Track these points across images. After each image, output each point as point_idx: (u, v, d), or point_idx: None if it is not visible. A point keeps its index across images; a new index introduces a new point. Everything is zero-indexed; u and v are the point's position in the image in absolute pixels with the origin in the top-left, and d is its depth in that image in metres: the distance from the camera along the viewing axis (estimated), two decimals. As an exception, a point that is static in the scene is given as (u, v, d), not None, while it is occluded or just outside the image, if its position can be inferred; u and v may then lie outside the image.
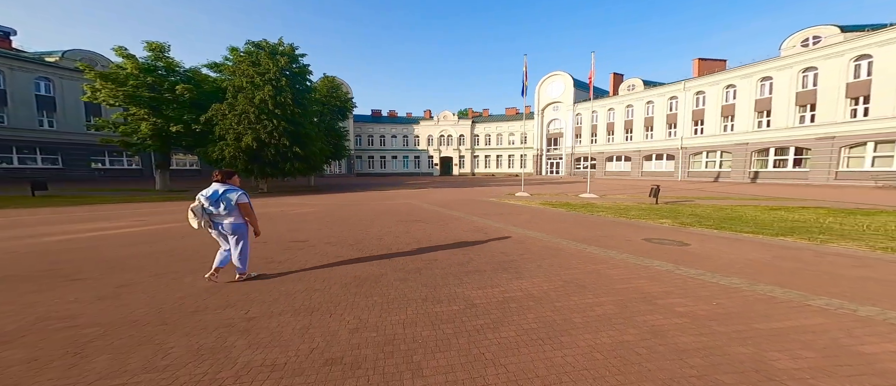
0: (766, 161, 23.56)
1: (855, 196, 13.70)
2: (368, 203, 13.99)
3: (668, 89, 30.80)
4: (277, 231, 7.64)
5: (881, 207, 10.40)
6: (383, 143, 53.36)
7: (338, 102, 26.51)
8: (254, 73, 17.53)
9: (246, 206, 3.87)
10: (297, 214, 10.68)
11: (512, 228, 7.99)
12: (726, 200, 13.24)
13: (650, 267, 4.49)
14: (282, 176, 19.16)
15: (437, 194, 18.30)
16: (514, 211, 10.99)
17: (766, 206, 10.99)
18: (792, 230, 6.80)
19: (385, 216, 10.26)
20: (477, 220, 9.39)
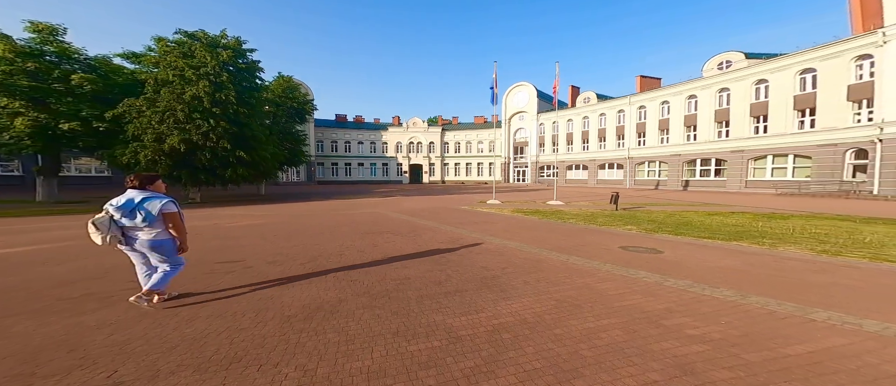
0: (694, 170, 26.86)
1: (763, 201, 15.90)
2: (329, 213, 12.64)
3: (616, 103, 33.86)
4: (204, 249, 6.23)
5: (789, 212, 12.05)
6: (349, 150, 50.70)
7: (295, 104, 24.31)
8: (185, 65, 15.09)
9: (174, 216, 3.24)
10: (235, 228, 9.09)
11: (489, 237, 7.54)
12: (671, 207, 14.43)
13: (638, 279, 4.28)
14: (221, 184, 16.67)
15: (407, 203, 17.41)
16: (488, 219, 10.64)
17: (704, 211, 12.09)
18: (739, 235, 7.34)
19: (348, 228, 9.18)
20: (451, 229, 8.80)
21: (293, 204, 16.65)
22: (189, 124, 14.69)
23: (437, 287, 4.19)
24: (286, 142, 23.43)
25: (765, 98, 22.22)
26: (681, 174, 27.53)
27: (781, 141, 21.13)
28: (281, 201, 18.14)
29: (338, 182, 48.34)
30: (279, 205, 16.17)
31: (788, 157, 21.00)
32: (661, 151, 29.35)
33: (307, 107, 26.30)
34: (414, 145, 51.57)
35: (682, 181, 27.45)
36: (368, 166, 51.22)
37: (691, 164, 27.01)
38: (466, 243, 6.95)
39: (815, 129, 19.51)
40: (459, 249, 6.43)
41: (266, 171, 18.40)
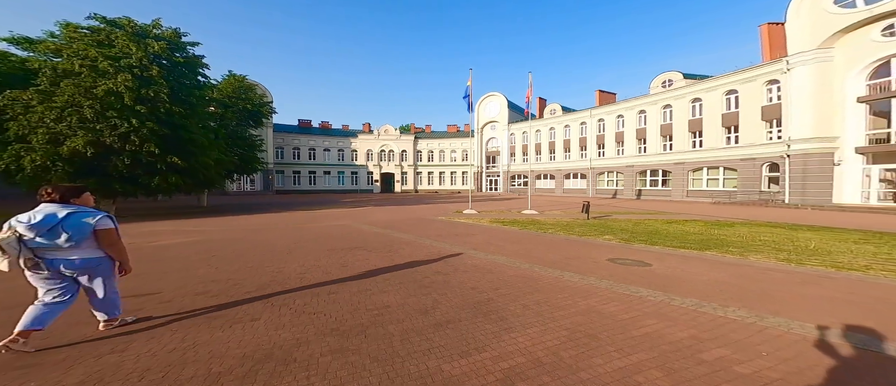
0: (645, 181, 29.41)
1: (703, 209, 17.50)
2: (289, 227, 11.20)
3: (579, 115, 36.03)
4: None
5: (730, 219, 13.21)
6: (313, 157, 47.41)
7: (249, 105, 21.97)
8: (99, 55, 12.70)
9: (111, 233, 2.90)
10: (159, 248, 7.51)
11: (473, 252, 6.99)
12: (633, 215, 15.23)
13: (643, 298, 3.99)
14: (146, 194, 14.15)
15: (380, 213, 16.29)
16: (468, 231, 10.13)
17: (663, 220, 12.83)
18: (705, 244, 7.67)
19: (312, 244, 8.04)
20: (431, 243, 8.11)
21: (244, 217, 14.66)
22: (100, 124, 12.25)
23: (423, 318, 3.52)
24: (237, 147, 20.96)
25: (700, 115, 25.16)
26: (635, 184, 29.95)
27: (713, 155, 24.00)
28: (228, 214, 15.92)
29: (300, 192, 44.84)
30: (225, 218, 14.11)
31: (719, 170, 23.87)
32: (617, 162, 31.75)
33: (264, 109, 23.96)
34: (385, 153, 49.94)
35: (635, 190, 29.83)
36: (336, 175, 48.35)
37: (643, 174, 29.54)
38: (450, 260, 6.32)
39: (739, 145, 22.47)
40: (443, 266, 5.79)
41: (208, 180, 16.06)
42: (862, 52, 16.97)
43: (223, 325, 3.32)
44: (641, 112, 29.73)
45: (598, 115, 33.87)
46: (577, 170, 36.06)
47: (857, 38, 17.07)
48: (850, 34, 17.25)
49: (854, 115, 17.43)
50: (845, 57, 17.48)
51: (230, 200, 27.66)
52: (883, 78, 16.74)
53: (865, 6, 16.39)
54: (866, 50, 16.85)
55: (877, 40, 16.53)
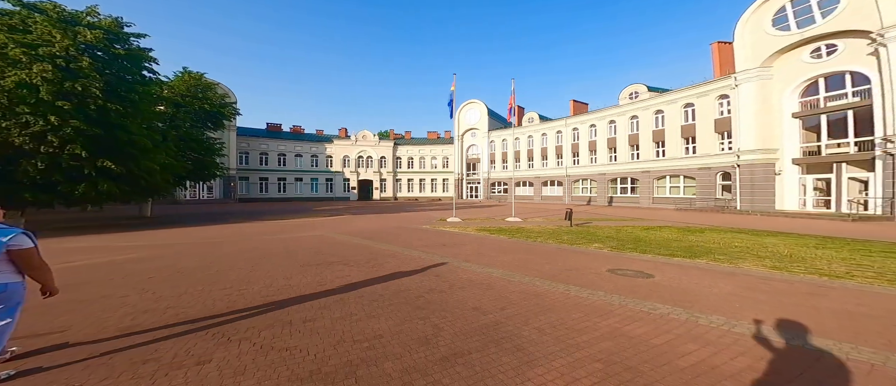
0: (616, 188, 30.97)
1: (669, 215, 18.52)
2: (252, 239, 9.97)
3: (555, 124, 37.23)
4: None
5: (697, 225, 13.78)
6: (283, 163, 44.39)
7: (206, 105, 19.91)
8: (9, 41, 10.77)
9: (30, 253, 2.44)
10: (78, 269, 6.22)
11: (466, 264, 6.47)
12: (611, 222, 15.61)
13: (666, 316, 3.69)
14: (66, 204, 12.10)
15: (359, 222, 15.27)
16: (456, 240, 9.62)
17: (640, 226, 13.11)
18: (691, 251, 7.79)
19: (280, 259, 7.07)
20: (419, 255, 7.48)
21: (198, 228, 12.99)
22: (7, 121, 10.26)
23: (425, 350, 2.96)
24: (190, 151, 18.83)
25: (662, 126, 27.04)
26: (607, 191, 31.39)
27: (674, 164, 25.84)
28: (177, 225, 14.05)
29: (268, 200, 41.66)
30: (173, 230, 12.38)
31: (680, 178, 25.70)
32: (591, 170, 33.15)
33: (227, 110, 21.87)
34: (363, 160, 48.08)
35: (607, 197, 31.25)
36: (309, 182, 45.58)
37: (614, 182, 31.06)
38: (443, 273, 5.75)
39: (696, 155, 24.40)
40: (437, 282, 5.21)
41: (152, 187, 14.10)
42: (795, 71, 18.62)
43: (154, 373, 2.50)
44: (611, 122, 31.43)
45: (573, 125, 35.32)
46: (554, 177, 37.17)
47: (791, 58, 18.73)
48: (786, 55, 18.91)
49: (790, 130, 19.17)
50: (782, 75, 19.17)
51: (181, 210, 24.75)
52: (812, 96, 18.48)
53: (797, 30, 17.98)
54: (798, 70, 18.50)
55: (807, 61, 18.18)
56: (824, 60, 17.17)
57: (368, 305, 4.17)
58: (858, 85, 16.18)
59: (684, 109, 25.37)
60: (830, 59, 16.93)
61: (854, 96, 16.40)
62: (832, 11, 16.13)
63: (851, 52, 16.06)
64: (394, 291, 4.81)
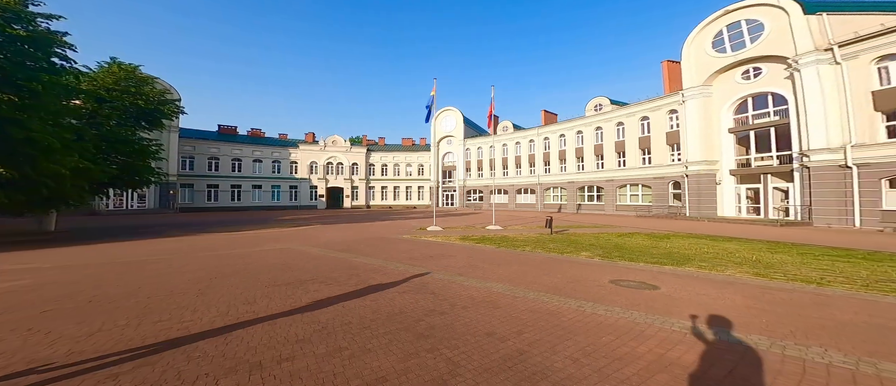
0: (584, 196, 32.69)
1: (633, 222, 19.58)
2: (198, 256, 8.48)
3: (528, 133, 38.41)
4: None
5: (662, 231, 14.68)
6: (239, 169, 40.10)
7: (140, 101, 17.14)
8: None
9: None
10: None
11: (460, 278, 5.91)
12: (585, 228, 16.07)
13: (703, 336, 3.45)
14: None
15: (332, 232, 13.95)
16: (442, 251, 9.00)
17: (614, 233, 13.54)
18: (672, 258, 8.03)
19: (238, 278, 5.95)
20: (407, 268, 6.76)
21: (123, 244, 10.88)
22: None
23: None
24: (115, 152, 16.00)
25: (623, 138, 29.19)
26: (576, 199, 32.94)
27: (633, 173, 27.95)
28: (94, 241, 11.68)
29: (218, 209, 37.27)
30: (87, 247, 10.24)
31: (639, 186, 27.84)
32: (561, 178, 34.63)
33: (167, 108, 18.99)
34: (333, 166, 45.24)
35: (576, 205, 32.80)
36: (270, 190, 41.64)
37: (582, 190, 32.71)
38: (438, 290, 5.13)
39: (652, 166, 26.67)
40: (434, 301, 4.58)
41: (60, 196, 11.61)
42: (730, 90, 20.60)
43: None
44: (579, 132, 33.28)
45: (544, 134, 36.81)
46: (528, 185, 38.22)
47: (727, 78, 20.64)
48: (722, 75, 20.79)
49: (727, 143, 21.10)
50: (719, 94, 21.14)
51: (102, 222, 20.95)
52: (743, 114, 20.52)
53: (731, 52, 19.82)
54: (732, 89, 20.47)
55: (739, 82, 20.13)
56: (752, 82, 19.62)
57: (360, 335, 3.44)
58: (778, 105, 18.64)
59: (641, 122, 27.64)
60: (757, 80, 19.37)
61: (775, 115, 18.88)
62: (759, 38, 18.50)
63: (773, 75, 18.50)
64: (387, 314, 4.10)
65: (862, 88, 14.81)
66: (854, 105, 14.95)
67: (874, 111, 14.56)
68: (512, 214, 30.28)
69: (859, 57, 14.86)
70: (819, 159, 15.99)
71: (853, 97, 14.98)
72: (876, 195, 14.37)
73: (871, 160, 14.47)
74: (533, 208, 36.52)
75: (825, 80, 15.71)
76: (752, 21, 18.71)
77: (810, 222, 16.21)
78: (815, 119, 16.00)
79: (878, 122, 14.51)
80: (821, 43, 15.80)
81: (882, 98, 14.39)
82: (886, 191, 14.25)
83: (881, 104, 14.42)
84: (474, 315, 4.06)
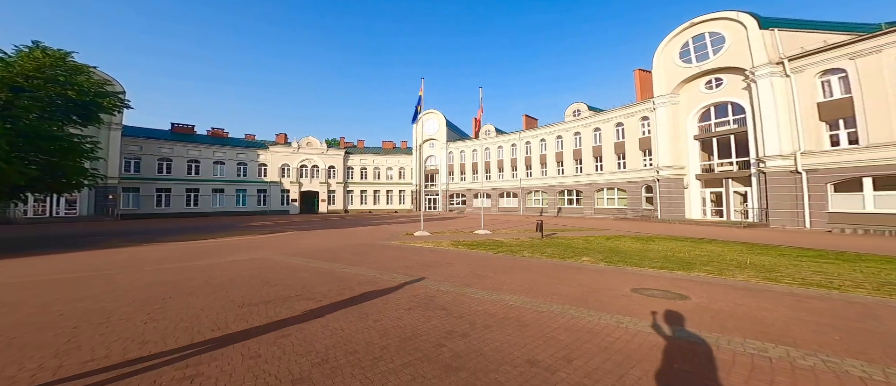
0: (564, 199, 33.52)
1: (613, 225, 20.31)
2: (146, 270, 7.14)
3: (510, 137, 38.71)
4: None
5: (644, 234, 15.14)
6: (195, 172, 36.17)
7: (70, 92, 14.62)
8: None
9: None
10: None
11: (469, 290, 5.27)
12: (571, 231, 16.10)
13: (796, 363, 3.08)
14: None
15: (311, 239, 12.66)
16: (438, 258, 8.31)
17: (601, 236, 13.57)
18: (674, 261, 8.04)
19: (201, 297, 4.93)
20: (404, 279, 6.02)
21: (49, 258, 9.01)
22: None
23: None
24: (37, 151, 13.50)
25: (600, 143, 30.35)
26: (556, 203, 33.66)
27: (610, 177, 29.14)
28: (8, 254, 9.60)
29: (169, 215, 33.35)
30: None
31: (615, 190, 29.06)
32: (542, 182, 35.24)
33: (106, 101, 16.35)
34: (307, 169, 42.35)
35: (556, 208, 33.54)
36: (233, 194, 37.98)
37: (562, 193, 33.50)
38: (449, 306, 4.46)
39: (626, 170, 27.96)
40: (448, 319, 3.93)
41: None
42: (694, 99, 21.74)
43: None
44: (559, 137, 34.15)
45: (526, 138, 37.36)
46: (510, 189, 38.47)
47: (692, 88, 21.81)
48: (688, 84, 21.97)
49: (692, 149, 22.31)
50: (685, 102, 22.32)
51: (20, 232, 17.67)
52: (706, 121, 21.72)
53: (696, 63, 20.94)
54: (697, 98, 21.59)
55: (702, 91, 21.24)
56: (714, 91, 21.10)
57: (373, 370, 2.72)
58: (737, 114, 20.17)
59: (616, 128, 28.92)
60: (718, 90, 20.87)
61: (734, 123, 20.42)
62: (720, 50, 19.93)
63: (732, 86, 20.01)
64: (398, 339, 3.38)
65: (808, 100, 16.41)
66: (802, 115, 16.50)
67: (819, 121, 16.16)
68: (496, 217, 30.18)
69: (805, 70, 16.46)
70: (773, 165, 17.35)
71: (801, 107, 16.53)
72: (823, 199, 15.85)
73: (818, 166, 15.97)
74: (515, 212, 36.77)
75: (777, 91, 17.18)
76: (715, 34, 20.21)
77: (767, 224, 17.52)
78: (769, 127, 17.39)
79: (822, 132, 16.11)
80: (773, 56, 17.29)
81: (825, 109, 16.02)
82: (832, 195, 15.78)
83: (825, 114, 16.05)
84: (502, 336, 3.45)
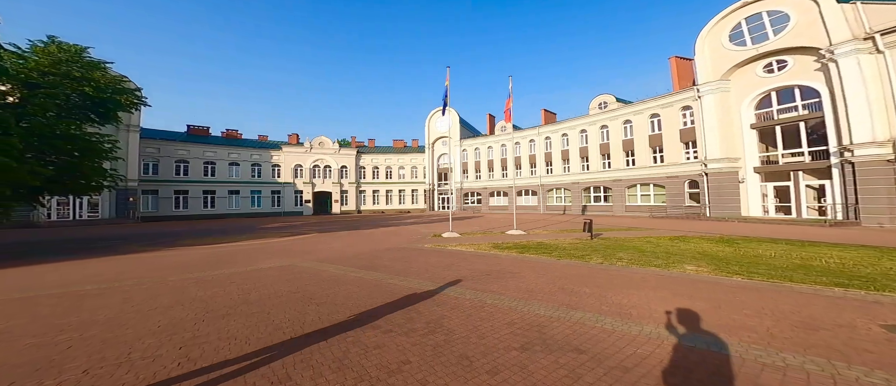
0: (589, 196, 31.66)
1: (655, 223, 18.53)
2: (168, 280, 6.11)
3: (528, 133, 36.90)
4: None
5: (682, 233, 13.58)
6: (212, 173, 35.93)
7: (87, 88, 13.90)
8: None
9: None
10: None
11: (579, 315, 3.99)
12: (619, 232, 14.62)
13: None
14: None
15: (334, 243, 11.62)
16: (493, 266, 7.08)
17: (658, 236, 12.11)
18: (814, 271, 6.48)
19: (241, 320, 3.81)
20: (477, 297, 4.80)
21: (60, 266, 8.15)
22: None
23: None
24: (53, 151, 12.80)
25: (631, 136, 28.20)
26: (581, 200, 31.84)
27: (643, 172, 27.02)
28: (17, 262, 8.82)
29: (187, 218, 33.11)
30: (9, 272, 7.43)
31: (650, 186, 26.93)
32: (564, 179, 33.43)
33: (124, 99, 15.66)
34: (320, 169, 41.67)
35: (581, 206, 31.72)
36: (248, 195, 37.63)
37: (587, 190, 31.64)
38: (578, 344, 3.14)
39: (664, 164, 25.67)
40: (611, 377, 2.55)
41: None
42: (750, 84, 19.53)
43: None
44: (583, 131, 32.32)
45: (545, 133, 35.62)
46: (529, 187, 36.80)
47: (747, 72, 19.60)
48: (742, 69, 19.75)
49: (749, 140, 19.86)
50: (738, 88, 20.05)
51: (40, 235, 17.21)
52: (766, 108, 19.41)
53: (752, 45, 18.83)
54: (753, 83, 19.37)
55: (760, 76, 19.05)
56: (776, 75, 18.84)
57: None
58: (807, 98, 17.92)
59: (650, 120, 26.96)
60: (782, 73, 18.61)
61: (804, 109, 18.13)
62: (783, 29, 17.82)
63: (800, 67, 17.75)
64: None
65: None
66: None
67: (922, 101, 13.97)
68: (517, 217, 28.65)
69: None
70: (864, 154, 15.11)
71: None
72: (929, 191, 13.70)
73: (923, 154, 13.72)
74: (535, 211, 35.13)
75: (866, 70, 14.93)
76: (776, 12, 18.14)
77: (858, 222, 15.21)
78: (857, 111, 15.14)
79: (925, 113, 13.91)
80: (858, 32, 15.16)
81: (927, 88, 13.84)
82: (940, 186, 13.63)
83: (927, 94, 13.88)
84: None
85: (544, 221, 21.76)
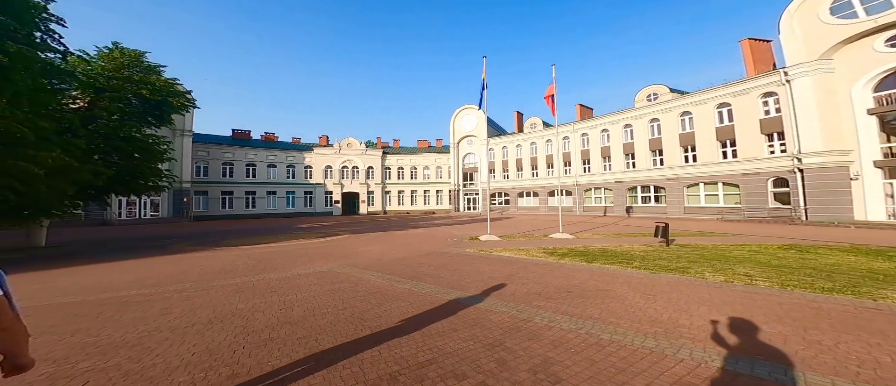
0: (636, 197, 28.61)
1: (727, 227, 15.95)
2: (210, 288, 5.64)
3: (562, 130, 34.03)
4: None
5: (791, 240, 11.19)
6: (253, 174, 38.05)
7: (145, 91, 14.65)
8: None
9: None
10: None
11: (689, 347, 2.54)
12: (695, 237, 12.52)
13: None
14: None
15: (369, 246, 10.99)
16: (564, 277, 5.79)
17: (758, 244, 10.15)
18: None
19: (285, 348, 2.78)
20: (573, 326, 3.49)
21: (114, 266, 8.15)
22: None
23: None
24: (116, 151, 13.50)
25: (691, 129, 24.80)
26: (625, 200, 28.90)
27: (709, 170, 23.46)
28: (80, 260, 9.03)
29: (232, 217, 35.20)
30: (63, 271, 7.57)
31: (718, 185, 23.21)
32: (605, 178, 30.64)
33: (177, 101, 16.47)
34: (348, 170, 42.58)
35: (625, 207, 28.78)
36: (284, 196, 39.40)
37: (633, 190, 28.66)
38: None
39: (739, 159, 21.05)
40: None
41: (33, 203, 9.03)
42: (866, 63, 16.31)
43: None
44: (627, 126, 29.32)
45: (581, 130, 32.97)
46: (562, 186, 34.38)
47: (860, 48, 16.48)
48: (851, 45, 16.72)
49: (866, 128, 16.55)
50: (847, 68, 16.85)
51: (109, 233, 18.63)
52: (890, 89, 15.88)
53: (867, 16, 15.87)
54: (870, 61, 16.19)
55: (881, 51, 15.87)
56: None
57: None
58: None
59: (718, 110, 23.56)
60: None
61: None
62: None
63: None
64: None
65: None
66: None
67: None
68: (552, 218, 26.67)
69: None
70: None
71: None
72: None
73: None
74: (571, 212, 32.56)
75: None
76: (901, -29, 14.68)
77: None
78: None
79: None
80: None
81: None
82: None
83: None
84: None
85: (586, 223, 19.74)
